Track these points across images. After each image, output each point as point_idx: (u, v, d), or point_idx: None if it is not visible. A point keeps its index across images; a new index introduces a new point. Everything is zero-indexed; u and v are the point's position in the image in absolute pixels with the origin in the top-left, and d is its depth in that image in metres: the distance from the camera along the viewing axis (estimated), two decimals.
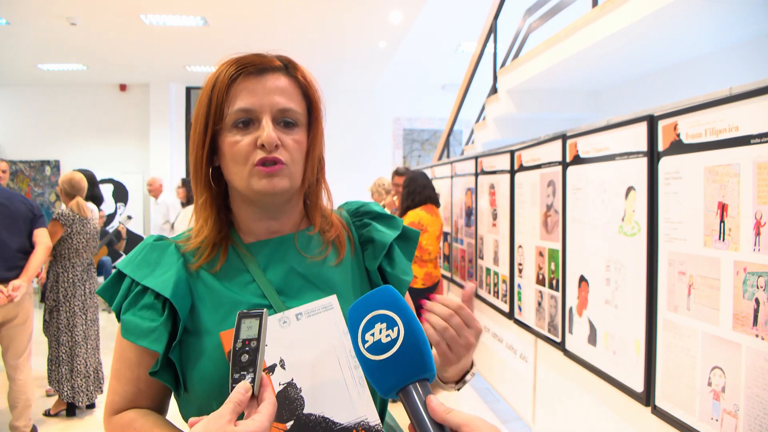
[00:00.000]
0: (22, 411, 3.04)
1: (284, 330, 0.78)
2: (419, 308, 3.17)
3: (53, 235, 3.30)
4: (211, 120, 0.82)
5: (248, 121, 0.81)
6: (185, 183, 5.71)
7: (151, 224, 8.08)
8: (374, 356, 0.63)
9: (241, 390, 0.62)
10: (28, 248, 3.03)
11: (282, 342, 0.77)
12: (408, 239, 0.97)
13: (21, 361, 3.03)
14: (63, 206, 3.48)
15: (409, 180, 3.92)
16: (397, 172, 4.40)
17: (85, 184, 3.54)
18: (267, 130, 0.80)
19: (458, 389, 0.89)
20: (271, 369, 0.76)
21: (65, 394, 3.34)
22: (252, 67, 0.82)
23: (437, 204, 3.95)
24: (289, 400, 0.75)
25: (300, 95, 0.86)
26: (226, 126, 0.82)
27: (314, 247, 0.90)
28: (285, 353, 0.77)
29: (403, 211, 3.90)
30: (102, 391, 3.55)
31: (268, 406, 0.61)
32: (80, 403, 3.40)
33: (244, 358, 0.64)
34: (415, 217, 3.77)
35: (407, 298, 0.95)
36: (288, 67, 0.86)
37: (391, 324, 0.63)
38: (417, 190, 3.86)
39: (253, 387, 0.62)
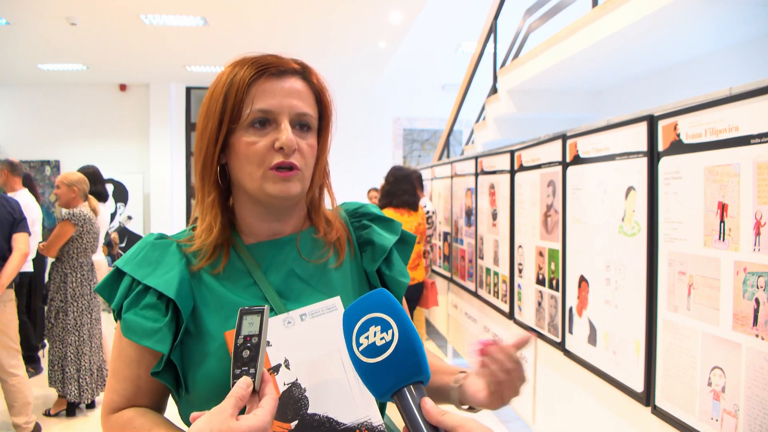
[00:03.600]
0: (21, 409, 3.02)
1: (289, 330, 0.79)
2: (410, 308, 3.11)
3: (64, 235, 3.26)
4: (227, 118, 0.81)
5: (265, 122, 0.81)
6: None
7: (151, 225, 8.09)
8: (369, 359, 0.63)
9: (243, 385, 0.62)
10: (6, 253, 2.93)
11: (286, 342, 0.78)
12: (405, 243, 0.98)
13: (9, 369, 2.99)
14: (63, 209, 3.44)
15: (394, 179, 3.90)
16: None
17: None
18: (286, 134, 0.80)
19: (474, 411, 0.91)
20: (275, 369, 0.77)
21: (72, 393, 3.33)
22: (274, 68, 0.82)
23: (414, 208, 3.93)
24: (293, 400, 0.76)
25: (314, 100, 0.86)
26: (242, 125, 0.81)
27: (315, 249, 0.90)
28: (289, 353, 0.77)
29: (382, 206, 3.88)
30: (98, 394, 3.55)
31: (269, 401, 0.62)
32: (87, 401, 3.40)
33: (246, 353, 0.64)
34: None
35: (403, 302, 0.96)
36: (304, 71, 0.87)
37: (385, 327, 0.63)
38: (397, 193, 3.86)
39: (254, 382, 0.63)
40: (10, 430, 3.11)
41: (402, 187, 3.87)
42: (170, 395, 0.87)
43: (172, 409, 0.88)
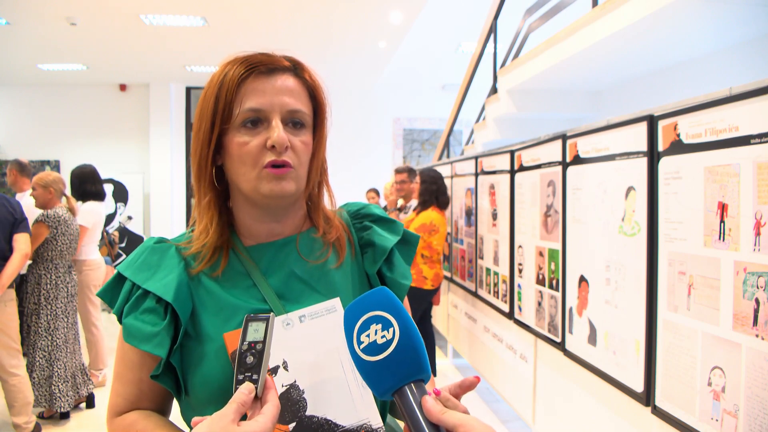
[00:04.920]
0: (21, 409, 3.01)
1: (287, 332, 0.78)
2: (427, 308, 3.16)
3: (38, 237, 3.21)
4: (218, 119, 0.80)
5: (257, 121, 0.80)
6: None
7: (151, 226, 8.10)
8: (370, 357, 0.63)
9: (245, 391, 0.62)
10: (7, 253, 2.91)
11: (285, 344, 0.77)
12: (408, 244, 0.96)
13: (10, 368, 2.97)
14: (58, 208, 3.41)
15: (437, 177, 3.88)
16: (397, 170, 4.39)
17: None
18: (278, 131, 0.79)
19: None
20: (274, 371, 0.76)
21: (44, 399, 3.24)
22: (263, 66, 0.82)
23: (447, 208, 3.96)
24: (291, 402, 0.75)
25: (307, 96, 0.85)
26: (233, 125, 0.81)
27: (315, 249, 0.89)
28: (288, 355, 0.77)
29: (425, 206, 3.85)
30: (87, 392, 3.50)
31: (271, 408, 0.62)
32: (61, 409, 3.31)
33: (249, 360, 0.64)
34: (426, 218, 3.76)
35: (405, 303, 0.95)
36: (296, 68, 0.86)
37: (386, 325, 0.63)
38: (443, 190, 3.86)
39: (257, 388, 0.63)
40: (10, 430, 3.11)
41: (441, 187, 3.87)
42: (174, 398, 0.87)
43: (177, 412, 0.88)
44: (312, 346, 0.78)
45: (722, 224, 1.47)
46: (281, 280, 0.85)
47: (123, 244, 7.48)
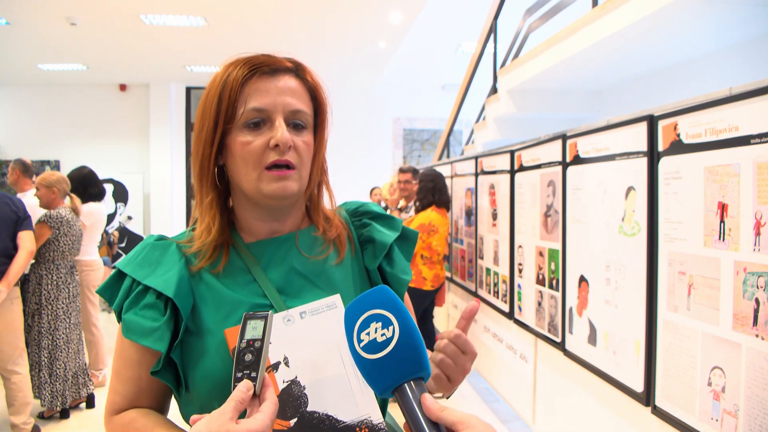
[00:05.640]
0: (20, 408, 3.01)
1: (288, 328, 0.79)
2: (428, 308, 3.16)
3: (40, 237, 3.21)
4: (221, 119, 0.81)
5: (259, 122, 0.81)
6: None
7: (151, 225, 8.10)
8: (370, 355, 0.63)
9: (243, 388, 0.62)
10: (11, 251, 2.91)
11: (286, 340, 0.78)
12: (407, 240, 0.98)
13: (12, 367, 2.97)
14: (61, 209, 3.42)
15: (435, 176, 3.86)
16: (401, 170, 4.38)
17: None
18: (281, 131, 0.80)
19: (447, 398, 0.89)
20: (275, 367, 0.77)
21: (45, 399, 3.26)
22: (266, 67, 0.82)
23: (449, 208, 3.94)
24: (292, 398, 0.76)
25: (308, 97, 0.86)
26: (236, 125, 0.81)
27: (315, 246, 0.90)
28: (289, 351, 0.78)
29: (424, 205, 3.83)
30: (87, 392, 3.50)
31: (269, 405, 0.62)
32: (57, 408, 3.33)
33: (248, 357, 0.64)
34: (425, 218, 3.75)
35: (406, 299, 0.96)
36: (298, 69, 0.87)
37: (386, 323, 0.64)
38: (440, 188, 3.83)
39: (255, 386, 0.63)
40: (9, 431, 3.10)
41: (438, 185, 3.83)
42: (172, 396, 0.87)
43: (174, 410, 0.88)
44: (313, 342, 0.79)
45: (722, 224, 1.47)
46: (282, 276, 0.86)
47: (123, 244, 7.48)
